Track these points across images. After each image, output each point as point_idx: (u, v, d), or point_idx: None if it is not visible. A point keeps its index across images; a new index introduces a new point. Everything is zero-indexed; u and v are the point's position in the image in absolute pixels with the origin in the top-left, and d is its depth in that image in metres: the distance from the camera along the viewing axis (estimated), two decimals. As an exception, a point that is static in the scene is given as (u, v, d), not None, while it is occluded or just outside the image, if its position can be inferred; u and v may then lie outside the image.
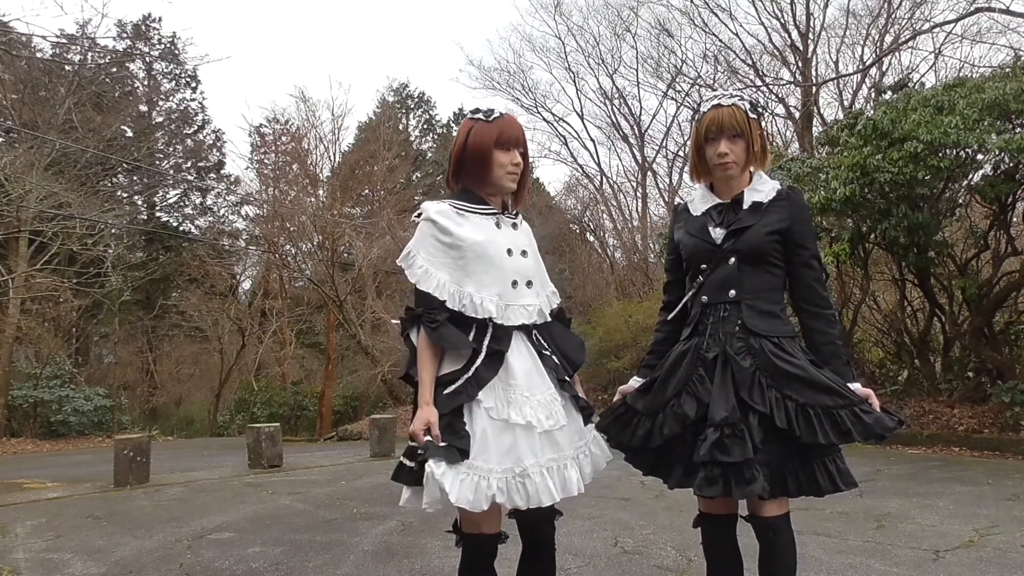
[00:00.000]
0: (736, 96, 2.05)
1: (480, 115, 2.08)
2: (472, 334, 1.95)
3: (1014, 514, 4.26)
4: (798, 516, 1.98)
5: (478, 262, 1.97)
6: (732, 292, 2.00)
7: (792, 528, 2.01)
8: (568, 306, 21.06)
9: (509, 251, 2.02)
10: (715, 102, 2.04)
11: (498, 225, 2.04)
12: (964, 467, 6.26)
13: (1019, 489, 5.06)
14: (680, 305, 2.15)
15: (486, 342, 1.94)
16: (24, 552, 4.13)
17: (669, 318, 2.20)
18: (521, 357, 1.98)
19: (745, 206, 2.03)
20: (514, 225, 2.10)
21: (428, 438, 1.82)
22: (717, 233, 2.05)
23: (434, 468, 1.77)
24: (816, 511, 4.25)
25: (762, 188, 2.05)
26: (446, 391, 1.89)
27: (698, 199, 2.15)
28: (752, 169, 2.07)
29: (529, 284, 2.05)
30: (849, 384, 1.94)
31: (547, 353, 2.04)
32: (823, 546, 3.61)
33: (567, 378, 2.06)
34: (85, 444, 15.52)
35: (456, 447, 1.82)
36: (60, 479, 7.66)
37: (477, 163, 2.04)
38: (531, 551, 2.10)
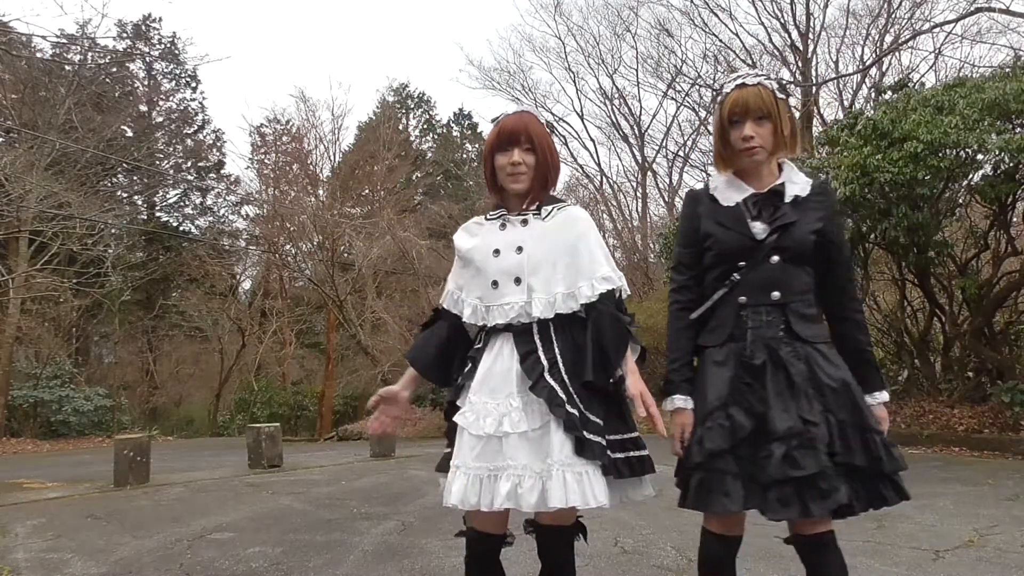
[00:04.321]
0: (762, 75, 1.87)
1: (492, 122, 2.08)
2: (474, 342, 2.04)
3: (1014, 514, 4.26)
4: (798, 516, 1.97)
5: (468, 267, 2.02)
6: (776, 294, 1.82)
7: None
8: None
9: (496, 251, 1.96)
10: (739, 82, 1.85)
11: (503, 227, 2.00)
12: (964, 467, 6.26)
13: (1019, 489, 5.06)
14: (706, 306, 1.92)
15: (475, 347, 2.02)
16: (24, 552, 4.13)
17: (693, 318, 1.94)
18: (499, 358, 1.91)
19: (787, 199, 1.85)
20: (524, 221, 1.99)
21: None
22: (757, 228, 1.84)
23: (441, 480, 1.95)
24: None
25: (798, 180, 1.88)
26: (450, 400, 2.01)
27: (723, 187, 1.92)
28: (783, 158, 1.90)
29: (517, 281, 1.92)
30: (874, 394, 1.86)
31: (536, 353, 1.88)
32: (823, 546, 3.60)
33: (546, 380, 1.84)
34: (85, 444, 15.52)
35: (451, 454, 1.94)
36: (60, 479, 7.66)
37: (487, 170, 2.06)
38: (544, 569, 2.01)
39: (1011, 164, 7.21)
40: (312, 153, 22.45)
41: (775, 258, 1.82)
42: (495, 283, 1.94)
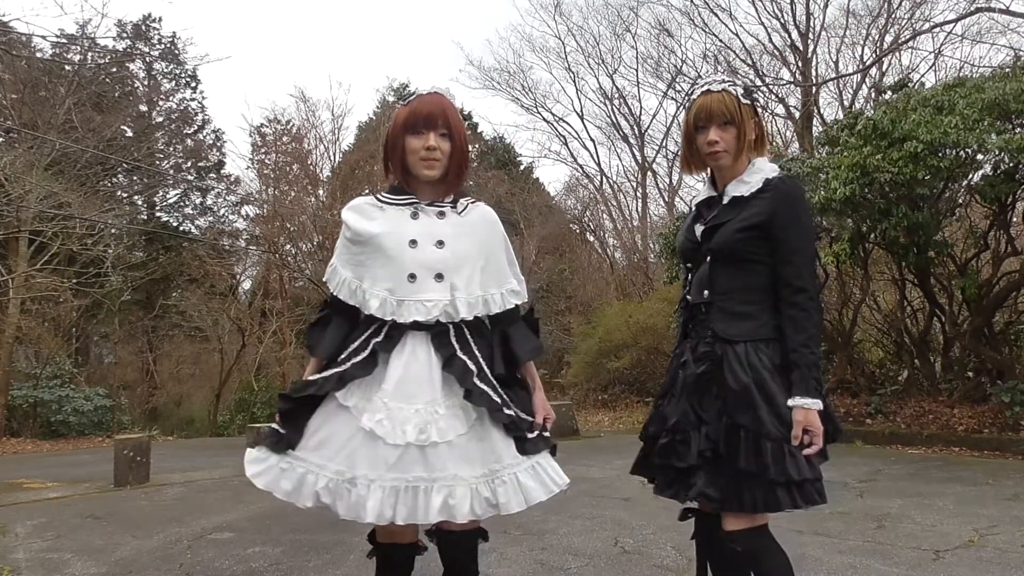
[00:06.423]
0: (728, 81, 1.93)
1: (402, 101, 1.96)
2: (368, 332, 1.86)
3: (1014, 514, 4.26)
4: (798, 515, 1.98)
5: (375, 255, 1.87)
6: (706, 293, 1.92)
7: (764, 543, 1.87)
8: (568, 306, 21.08)
9: (413, 242, 1.86)
10: (704, 88, 1.93)
11: (415, 216, 1.91)
12: (964, 467, 6.25)
13: (1019, 489, 5.06)
14: (680, 305, 2.14)
15: (375, 340, 1.84)
16: (24, 552, 4.13)
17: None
18: (413, 360, 1.80)
19: (725, 200, 1.92)
20: (440, 214, 1.92)
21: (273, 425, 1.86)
22: (699, 230, 1.97)
23: (251, 451, 1.83)
24: (816, 511, 4.24)
25: (750, 179, 1.90)
26: (308, 378, 1.85)
27: (702, 192, 2.07)
28: (752, 158, 1.94)
29: (439, 277, 1.85)
30: (794, 397, 1.78)
31: (461, 357, 1.83)
32: (823, 546, 3.60)
33: (480, 387, 1.81)
34: (85, 444, 15.50)
35: (287, 437, 1.78)
36: (60, 479, 7.66)
37: (392, 152, 1.93)
38: (448, 573, 1.99)
39: (1011, 164, 7.20)
40: (312, 153, 22.44)
41: (708, 258, 1.94)
42: (412, 276, 1.84)
